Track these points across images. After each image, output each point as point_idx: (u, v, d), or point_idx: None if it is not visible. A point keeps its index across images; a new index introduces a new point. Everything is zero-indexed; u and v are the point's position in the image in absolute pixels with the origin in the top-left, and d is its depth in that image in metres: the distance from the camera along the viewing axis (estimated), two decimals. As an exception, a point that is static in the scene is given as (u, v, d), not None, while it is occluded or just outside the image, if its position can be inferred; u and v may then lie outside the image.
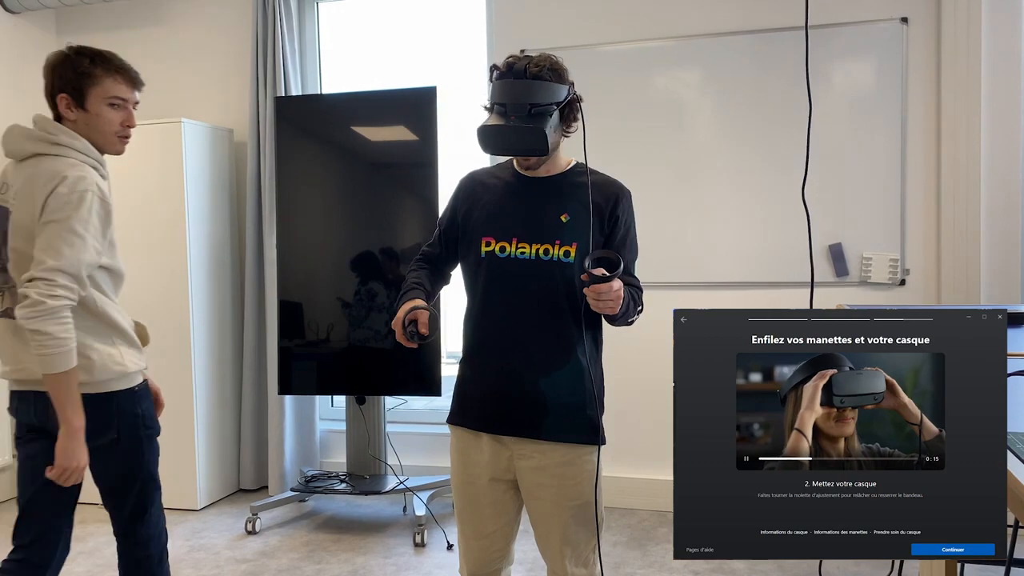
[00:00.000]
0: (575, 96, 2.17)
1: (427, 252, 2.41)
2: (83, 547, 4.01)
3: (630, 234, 2.24)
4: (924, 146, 4.03)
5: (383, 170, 4.29)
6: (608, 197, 2.19)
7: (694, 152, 4.26)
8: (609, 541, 3.96)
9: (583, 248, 2.13)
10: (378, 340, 4.27)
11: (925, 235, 4.05)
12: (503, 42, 4.46)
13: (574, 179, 2.22)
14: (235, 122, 4.94)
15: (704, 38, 4.22)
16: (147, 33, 5.10)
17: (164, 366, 4.50)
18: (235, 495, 4.81)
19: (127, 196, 4.50)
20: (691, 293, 4.30)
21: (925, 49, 4.00)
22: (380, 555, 3.88)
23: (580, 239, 2.14)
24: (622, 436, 4.41)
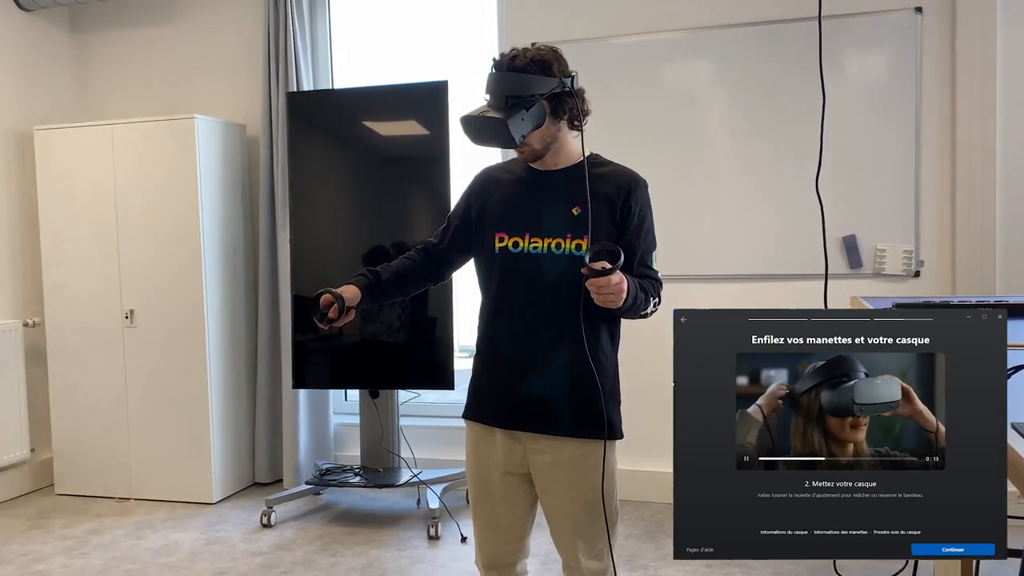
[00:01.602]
0: (569, 88, 2.14)
1: (426, 243, 2.41)
2: (99, 540, 4.06)
3: (645, 224, 2.20)
4: (939, 137, 4.00)
5: (394, 164, 4.30)
6: (620, 188, 2.17)
7: (706, 144, 4.24)
8: (623, 534, 3.96)
9: (595, 241, 2.12)
10: (391, 334, 4.28)
11: (940, 227, 4.02)
12: (514, 35, 4.45)
13: (569, 171, 2.21)
14: (248, 117, 4.96)
15: (716, 30, 4.20)
16: (160, 30, 5.13)
17: (179, 360, 4.53)
18: (250, 488, 4.85)
19: (141, 192, 4.53)
20: (703, 286, 4.29)
21: (940, 39, 3.97)
22: (394, 548, 3.90)
23: (591, 232, 2.13)
24: (636, 429, 4.39)
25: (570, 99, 2.15)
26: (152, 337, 4.57)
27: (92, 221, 4.62)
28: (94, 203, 4.61)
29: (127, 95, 5.22)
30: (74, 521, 4.35)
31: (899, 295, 4.02)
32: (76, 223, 4.65)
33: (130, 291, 4.59)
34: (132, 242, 4.56)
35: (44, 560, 3.84)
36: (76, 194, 4.64)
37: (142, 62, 5.17)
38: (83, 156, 4.62)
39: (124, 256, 4.58)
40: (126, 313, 4.59)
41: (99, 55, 5.26)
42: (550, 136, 2.16)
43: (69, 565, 3.77)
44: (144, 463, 4.64)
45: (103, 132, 4.59)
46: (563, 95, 2.14)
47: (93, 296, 4.65)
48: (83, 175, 4.62)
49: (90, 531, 4.20)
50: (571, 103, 2.16)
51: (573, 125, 2.20)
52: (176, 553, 3.89)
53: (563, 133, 2.19)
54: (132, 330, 4.60)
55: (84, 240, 4.64)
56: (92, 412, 4.70)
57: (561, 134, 2.19)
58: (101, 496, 4.72)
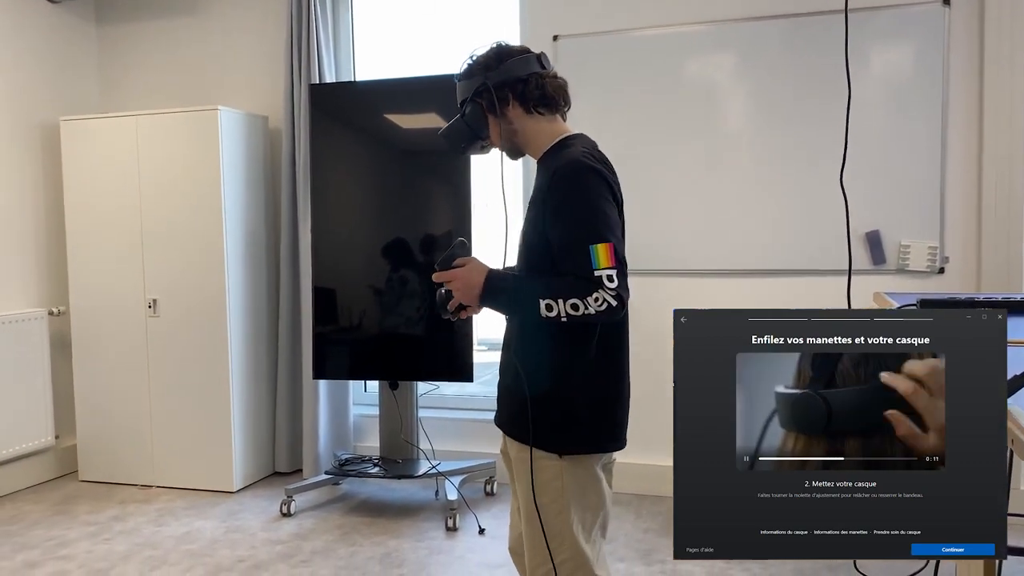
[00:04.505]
0: (483, 87, 2.13)
1: None
2: (123, 527, 4.11)
3: (560, 213, 1.97)
4: (966, 132, 3.95)
5: (415, 157, 4.31)
6: (547, 176, 2.03)
7: (728, 138, 4.22)
8: (640, 528, 3.97)
9: (524, 236, 2.12)
10: (410, 326, 4.30)
11: (965, 222, 3.98)
12: (535, 28, 4.44)
13: (544, 160, 2.15)
14: (270, 109, 4.99)
15: (739, 22, 4.17)
16: (184, 22, 5.17)
17: (201, 350, 4.58)
18: (270, 478, 4.90)
19: (165, 182, 4.57)
20: (726, 280, 4.27)
21: (967, 32, 3.91)
22: (413, 539, 3.92)
23: (525, 224, 2.13)
24: (651, 423, 4.40)
25: (497, 90, 2.11)
26: (175, 327, 4.62)
27: (116, 211, 4.67)
28: (119, 194, 4.66)
29: (151, 86, 5.27)
30: (98, 507, 4.41)
31: (923, 291, 3.98)
32: (101, 213, 4.70)
33: (153, 281, 4.64)
34: (156, 232, 4.61)
35: (69, 545, 3.90)
36: (101, 185, 4.69)
37: (166, 54, 5.22)
38: (108, 147, 4.67)
39: (148, 246, 4.63)
40: (149, 303, 4.65)
41: (124, 47, 5.31)
42: (506, 130, 2.15)
43: (93, 550, 3.83)
44: (166, 451, 4.70)
45: (127, 123, 4.64)
46: (484, 91, 2.13)
47: (117, 286, 4.71)
48: (108, 166, 4.67)
49: (113, 517, 4.26)
50: (503, 93, 2.11)
51: (533, 110, 2.13)
52: (197, 540, 3.94)
53: (523, 123, 2.14)
54: (155, 320, 4.65)
55: (108, 230, 4.70)
56: (115, 400, 4.76)
57: (519, 124, 2.15)
58: (124, 483, 4.79)
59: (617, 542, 3.79)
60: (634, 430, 2.17)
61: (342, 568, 3.60)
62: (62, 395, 4.98)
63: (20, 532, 4.09)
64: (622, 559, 3.61)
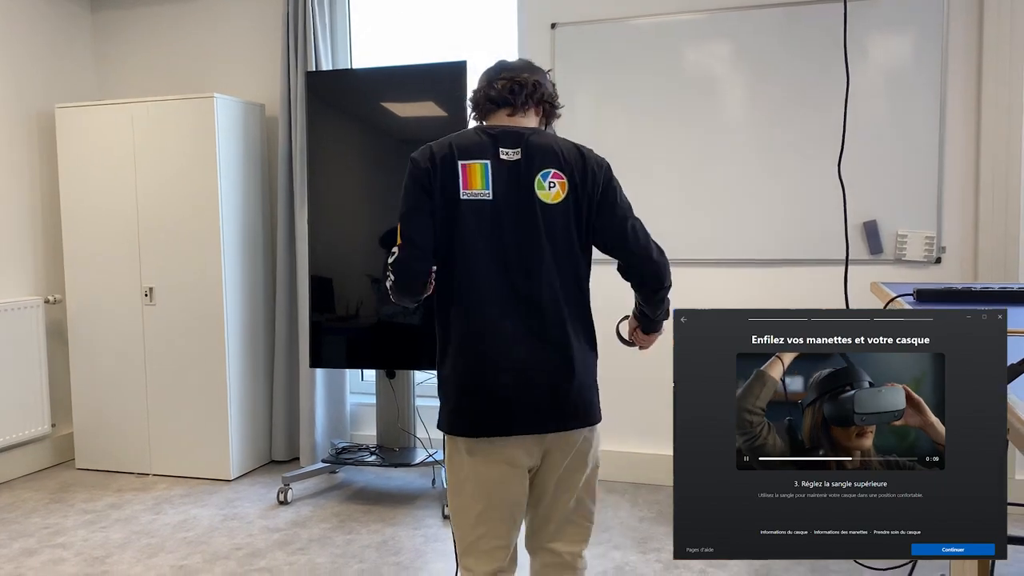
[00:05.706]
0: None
1: None
2: (120, 515, 4.12)
3: None
4: (963, 122, 3.94)
5: (412, 146, 4.26)
6: None
7: (726, 127, 4.20)
8: (636, 516, 3.98)
9: None
10: (406, 316, 4.29)
11: (962, 212, 3.98)
12: (533, 16, 4.42)
13: None
14: (266, 97, 4.97)
15: (737, 11, 4.15)
16: (180, 8, 5.13)
17: (198, 338, 4.57)
18: (267, 466, 4.90)
19: (161, 170, 4.55)
20: (721, 270, 4.27)
21: (966, 21, 3.90)
22: (409, 526, 3.93)
23: None
24: (647, 411, 4.41)
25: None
26: (171, 315, 4.61)
27: (113, 199, 4.65)
28: (115, 181, 4.64)
29: (147, 74, 5.24)
30: (94, 495, 4.42)
31: (920, 281, 3.99)
32: (97, 201, 4.69)
33: (150, 269, 4.63)
34: (152, 220, 4.60)
35: (65, 533, 3.90)
36: (97, 172, 4.67)
37: (162, 41, 5.19)
38: (103, 134, 4.64)
39: (144, 234, 4.62)
40: (145, 291, 4.64)
41: (119, 34, 5.27)
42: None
43: (89, 538, 3.83)
44: (163, 439, 4.70)
45: (123, 111, 4.61)
46: None
47: (113, 274, 4.69)
48: (103, 153, 4.65)
49: (110, 505, 4.26)
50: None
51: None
52: (194, 528, 3.94)
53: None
54: (152, 308, 4.64)
55: (105, 218, 4.68)
56: (112, 388, 4.76)
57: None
58: (121, 471, 4.79)
59: (613, 531, 3.81)
60: (629, 419, 2.18)
61: (339, 555, 3.61)
62: (58, 383, 4.98)
63: (17, 520, 4.09)
64: (618, 547, 3.63)
